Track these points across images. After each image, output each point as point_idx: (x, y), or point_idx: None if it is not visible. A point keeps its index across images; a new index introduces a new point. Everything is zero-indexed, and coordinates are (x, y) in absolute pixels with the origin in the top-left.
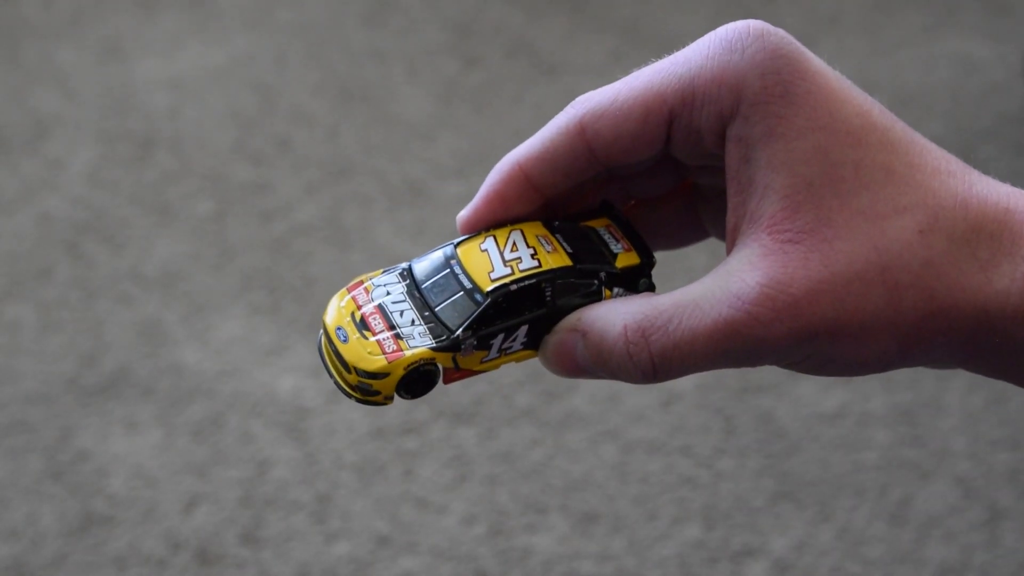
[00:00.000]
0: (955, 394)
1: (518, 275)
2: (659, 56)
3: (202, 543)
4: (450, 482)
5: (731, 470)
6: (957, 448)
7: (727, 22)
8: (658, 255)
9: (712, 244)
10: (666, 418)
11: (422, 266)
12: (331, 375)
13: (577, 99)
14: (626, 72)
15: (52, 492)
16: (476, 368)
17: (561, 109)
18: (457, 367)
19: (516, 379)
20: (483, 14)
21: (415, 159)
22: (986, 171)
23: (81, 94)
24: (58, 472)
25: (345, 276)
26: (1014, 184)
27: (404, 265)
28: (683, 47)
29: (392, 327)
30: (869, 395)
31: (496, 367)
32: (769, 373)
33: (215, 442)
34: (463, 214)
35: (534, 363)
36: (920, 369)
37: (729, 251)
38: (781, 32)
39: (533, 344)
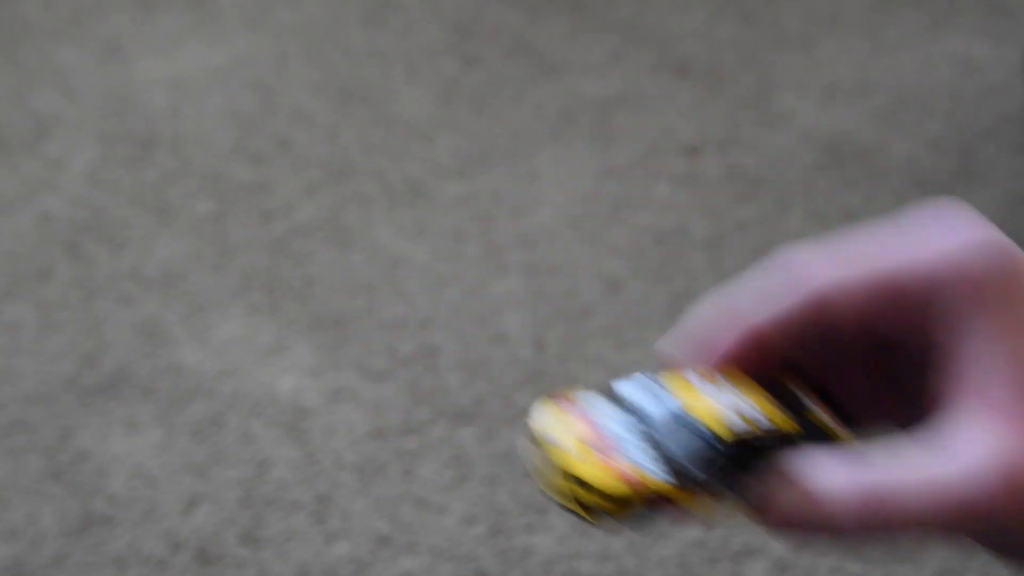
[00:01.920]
0: None
1: (757, 433)
2: (660, 56)
3: (202, 543)
4: (450, 482)
5: None
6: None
7: (727, 22)
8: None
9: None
10: None
11: (639, 397)
12: (556, 497)
13: (800, 260)
14: (626, 72)
15: (52, 492)
16: (699, 511)
17: (561, 109)
18: (677, 506)
19: (516, 379)
20: (483, 14)
21: (415, 159)
22: (986, 171)
23: (81, 94)
24: (58, 472)
25: (345, 276)
26: (1015, 185)
27: (608, 388)
28: (683, 47)
29: (625, 455)
30: None
31: (708, 511)
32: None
33: (215, 442)
34: (676, 351)
35: (534, 363)
36: None
37: (933, 424)
38: (999, 231)
39: (752, 498)
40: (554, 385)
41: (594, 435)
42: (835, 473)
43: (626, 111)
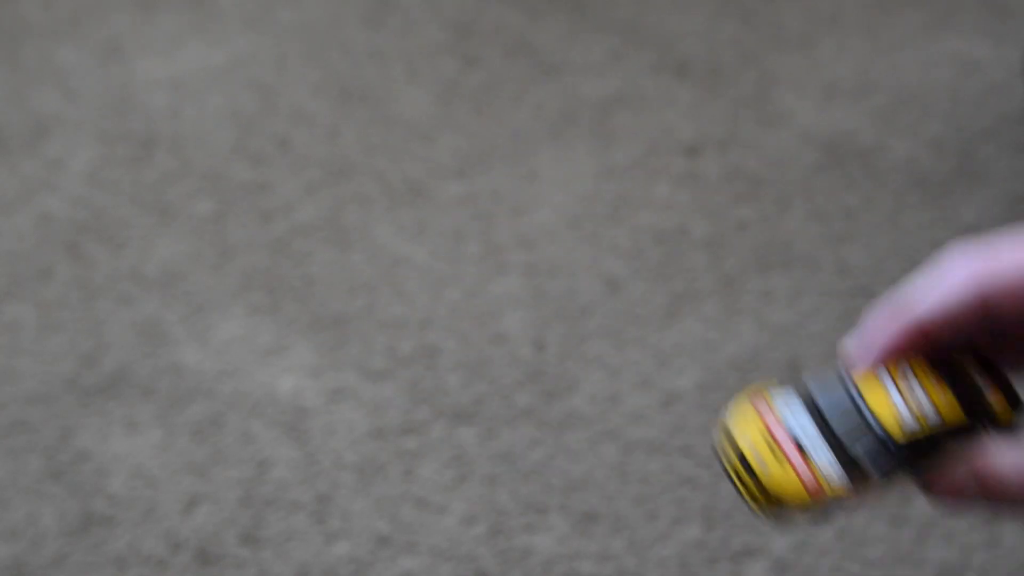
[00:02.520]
0: None
1: (928, 431)
2: (660, 56)
3: (202, 543)
4: (450, 482)
5: None
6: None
7: (727, 22)
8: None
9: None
10: (666, 418)
11: (824, 396)
12: (739, 490)
13: (965, 257)
14: (626, 72)
15: (52, 492)
16: (867, 498)
17: (561, 109)
18: (854, 499)
19: (516, 379)
20: (483, 14)
21: (415, 159)
22: (986, 171)
23: (81, 94)
24: (58, 472)
25: (345, 276)
26: (1015, 185)
27: (801, 386)
28: (683, 47)
29: (805, 456)
30: None
31: (881, 497)
32: (769, 373)
33: (215, 442)
34: (856, 350)
35: (534, 363)
36: None
37: None
38: None
39: (922, 478)
40: (554, 385)
41: (779, 436)
42: (1004, 453)
43: (626, 111)
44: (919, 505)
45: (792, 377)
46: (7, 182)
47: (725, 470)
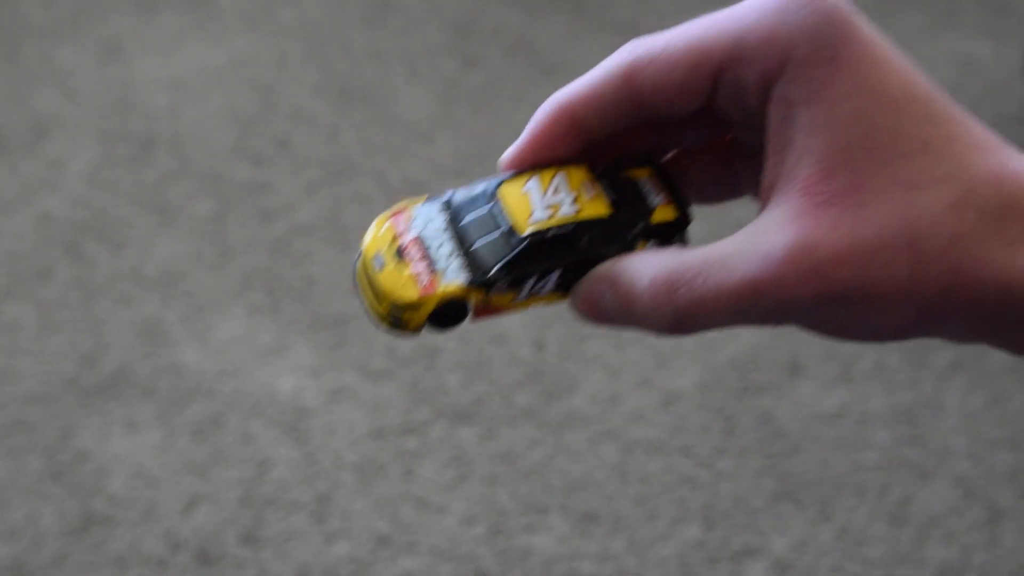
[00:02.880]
0: (955, 394)
1: (556, 222)
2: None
3: (202, 543)
4: (450, 482)
5: (731, 470)
6: (957, 448)
7: None
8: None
9: (744, 206)
10: (666, 418)
11: (464, 200)
12: (362, 301)
13: (627, 44)
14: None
15: (52, 492)
16: (506, 307)
17: None
18: (487, 305)
19: (516, 379)
20: (483, 14)
21: (415, 159)
22: None
23: (81, 94)
24: (58, 472)
25: (345, 276)
26: None
27: (447, 195)
28: None
29: (428, 259)
30: (869, 395)
31: (525, 308)
32: (769, 373)
33: (215, 442)
34: (507, 154)
35: (534, 363)
36: (920, 369)
37: (762, 210)
38: None
39: (563, 289)
40: (554, 385)
41: (408, 243)
42: (638, 262)
43: None
44: (919, 505)
45: (443, 190)
46: (7, 182)
47: (355, 286)
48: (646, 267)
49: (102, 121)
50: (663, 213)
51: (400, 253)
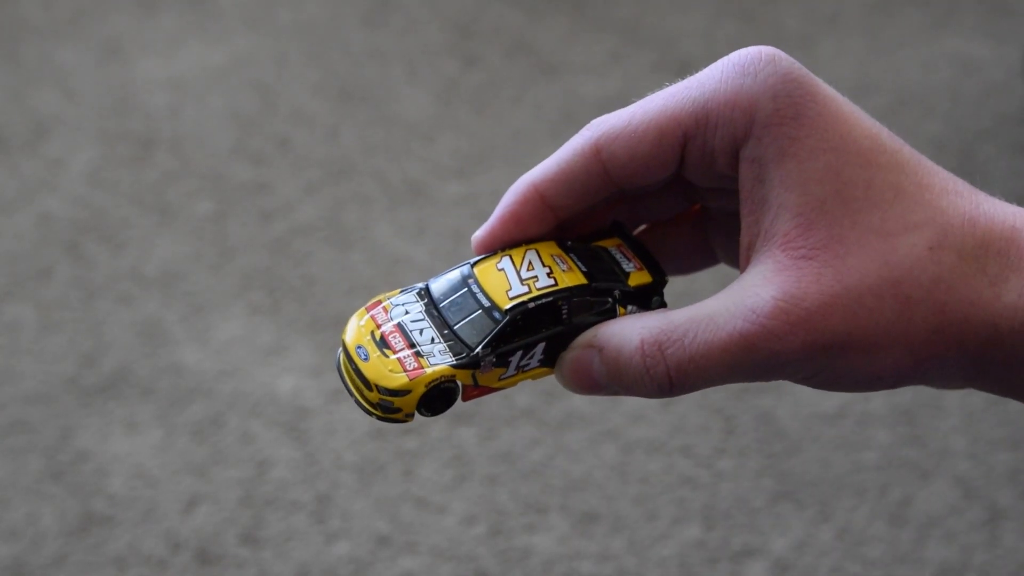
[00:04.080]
0: (955, 394)
1: (535, 293)
2: (660, 56)
3: (202, 543)
4: (450, 482)
5: (731, 470)
6: (957, 448)
7: (727, 22)
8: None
9: (720, 272)
10: (666, 418)
11: (439, 285)
12: (351, 393)
13: (593, 122)
14: (626, 72)
15: (52, 492)
16: (495, 385)
17: (561, 109)
18: (476, 384)
19: None
20: (483, 14)
21: (415, 159)
22: (986, 171)
23: (81, 94)
24: (58, 472)
25: (345, 276)
26: (1015, 184)
27: (421, 285)
28: (683, 47)
29: (412, 345)
30: (869, 395)
31: (514, 384)
32: None
33: (215, 442)
34: (478, 234)
35: None
36: None
37: (743, 269)
38: (792, 59)
39: (550, 361)
40: (554, 385)
41: (390, 333)
42: (622, 326)
43: None
44: (919, 505)
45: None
46: (7, 182)
47: (342, 380)
48: (632, 330)
49: (102, 121)
50: (639, 277)
51: (383, 342)
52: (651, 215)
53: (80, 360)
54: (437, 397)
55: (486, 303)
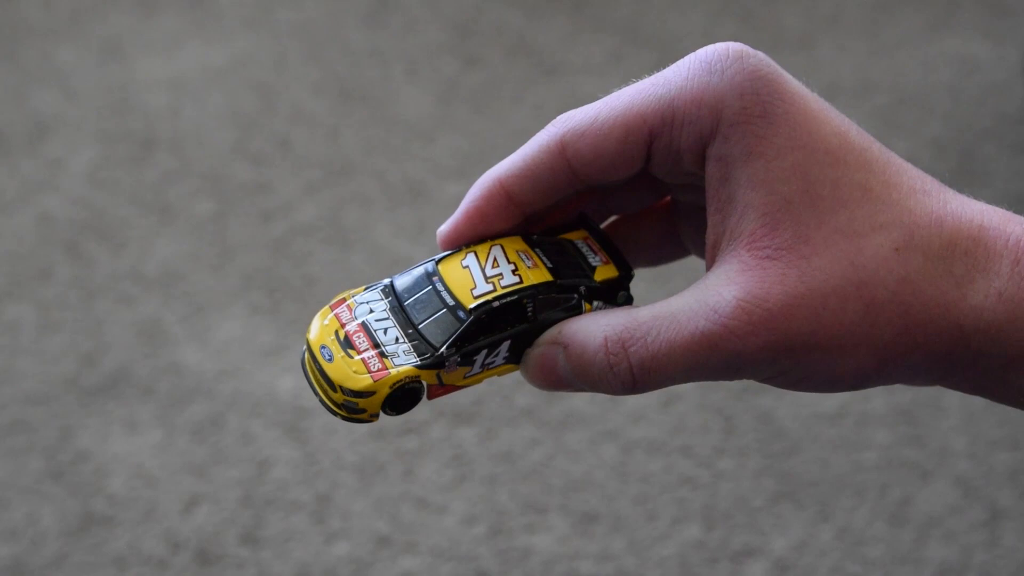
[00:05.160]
0: (955, 394)
1: (500, 291)
2: (660, 56)
3: (202, 543)
4: (450, 482)
5: (731, 470)
6: (957, 448)
7: (727, 22)
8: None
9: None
10: (666, 418)
11: (404, 283)
12: (315, 392)
13: (558, 117)
14: (626, 73)
15: (52, 492)
16: (460, 383)
17: (561, 109)
18: (441, 383)
19: (516, 379)
20: (483, 14)
21: (415, 159)
22: (986, 171)
23: (81, 94)
24: (58, 472)
25: (345, 276)
26: (1015, 185)
27: (386, 281)
28: (683, 47)
29: (376, 345)
30: (869, 395)
31: (479, 381)
32: None
33: (215, 442)
34: (443, 229)
35: None
36: None
37: (709, 268)
38: (760, 54)
39: (515, 358)
40: None
41: (353, 332)
42: (586, 323)
43: None
44: (919, 505)
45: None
46: (7, 182)
47: (307, 379)
48: (597, 327)
49: (102, 121)
50: (605, 272)
51: (347, 342)
52: (619, 208)
53: (80, 360)
54: (402, 397)
55: (451, 302)
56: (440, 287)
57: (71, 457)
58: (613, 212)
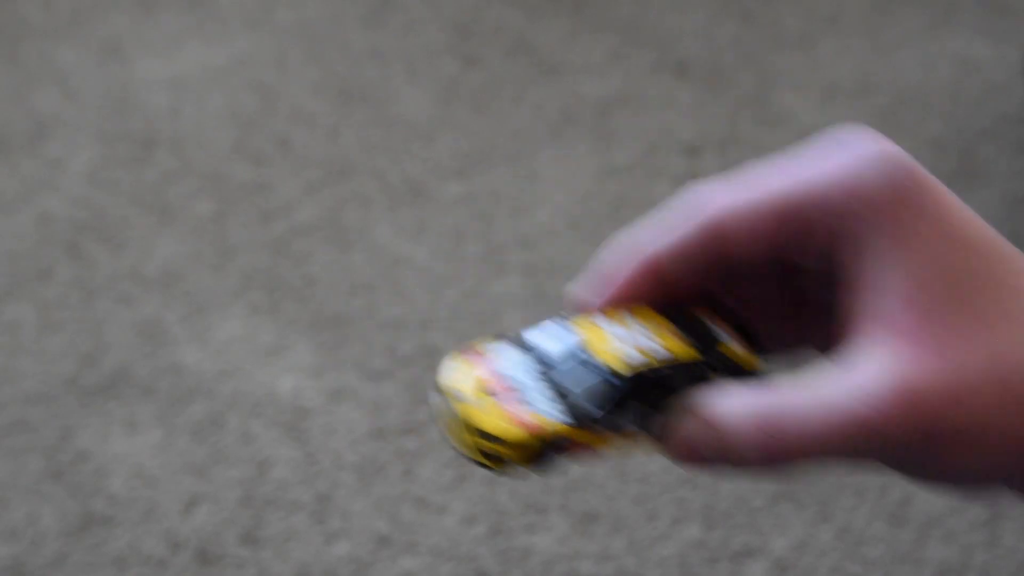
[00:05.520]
0: None
1: (655, 364)
2: (660, 56)
3: (202, 543)
4: (450, 482)
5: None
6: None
7: (727, 22)
8: None
9: None
10: None
11: (542, 341)
12: (453, 439)
13: (701, 192)
14: (626, 72)
15: (52, 492)
16: (601, 447)
17: (561, 109)
18: (581, 445)
19: None
20: (483, 14)
21: (415, 159)
22: (986, 171)
23: (81, 94)
24: (58, 472)
25: (345, 276)
26: (1015, 185)
27: (520, 335)
28: (683, 47)
29: (524, 400)
30: None
31: (619, 450)
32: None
33: (215, 442)
34: (583, 293)
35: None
36: None
37: (840, 351)
38: (896, 146)
39: (656, 431)
40: None
41: (495, 383)
42: (735, 401)
43: (626, 111)
44: (919, 505)
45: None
46: (7, 182)
47: (442, 428)
48: (745, 407)
49: (102, 121)
50: (736, 350)
51: (493, 394)
52: (742, 287)
53: (80, 360)
54: (548, 453)
55: (602, 367)
56: (585, 351)
57: (71, 457)
58: (734, 289)
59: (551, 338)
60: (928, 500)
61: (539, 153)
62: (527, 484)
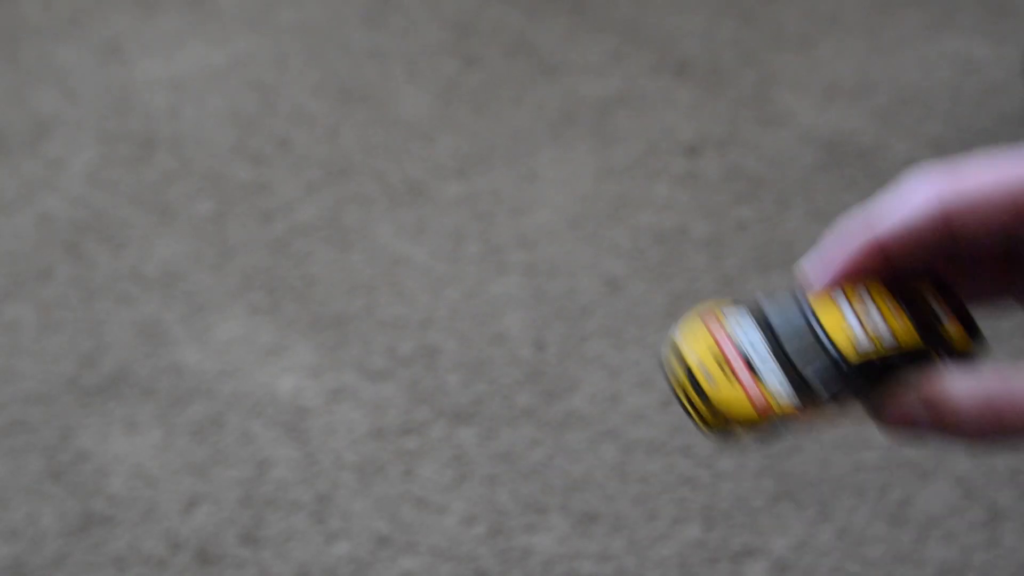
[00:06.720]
0: None
1: (883, 352)
2: (660, 56)
3: (202, 543)
4: (450, 482)
5: (731, 470)
6: (957, 448)
7: (727, 22)
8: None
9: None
10: (666, 418)
11: (777, 313)
12: (686, 407)
13: (930, 176)
14: (626, 73)
15: (52, 492)
16: (818, 420)
17: (561, 109)
18: (807, 419)
19: (516, 379)
20: (483, 14)
21: (415, 159)
22: None
23: (81, 94)
24: (58, 472)
25: (345, 276)
26: None
27: (755, 304)
28: (683, 47)
29: (755, 375)
30: None
31: (833, 420)
32: None
33: (215, 442)
34: (814, 271)
35: (534, 363)
36: None
37: None
38: None
39: (876, 406)
40: (554, 385)
41: (728, 351)
42: (958, 381)
43: (626, 111)
44: (919, 505)
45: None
46: (7, 182)
47: (672, 388)
48: (968, 390)
49: (102, 121)
50: (958, 334)
51: (726, 364)
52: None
53: (80, 360)
54: (773, 431)
55: (833, 351)
56: (819, 330)
57: (71, 457)
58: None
59: (786, 310)
60: (928, 500)
61: (539, 153)
62: (527, 484)
